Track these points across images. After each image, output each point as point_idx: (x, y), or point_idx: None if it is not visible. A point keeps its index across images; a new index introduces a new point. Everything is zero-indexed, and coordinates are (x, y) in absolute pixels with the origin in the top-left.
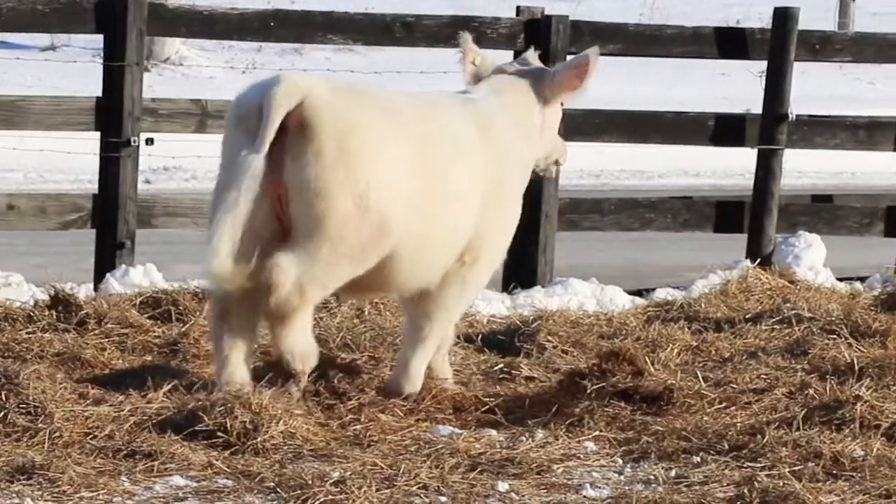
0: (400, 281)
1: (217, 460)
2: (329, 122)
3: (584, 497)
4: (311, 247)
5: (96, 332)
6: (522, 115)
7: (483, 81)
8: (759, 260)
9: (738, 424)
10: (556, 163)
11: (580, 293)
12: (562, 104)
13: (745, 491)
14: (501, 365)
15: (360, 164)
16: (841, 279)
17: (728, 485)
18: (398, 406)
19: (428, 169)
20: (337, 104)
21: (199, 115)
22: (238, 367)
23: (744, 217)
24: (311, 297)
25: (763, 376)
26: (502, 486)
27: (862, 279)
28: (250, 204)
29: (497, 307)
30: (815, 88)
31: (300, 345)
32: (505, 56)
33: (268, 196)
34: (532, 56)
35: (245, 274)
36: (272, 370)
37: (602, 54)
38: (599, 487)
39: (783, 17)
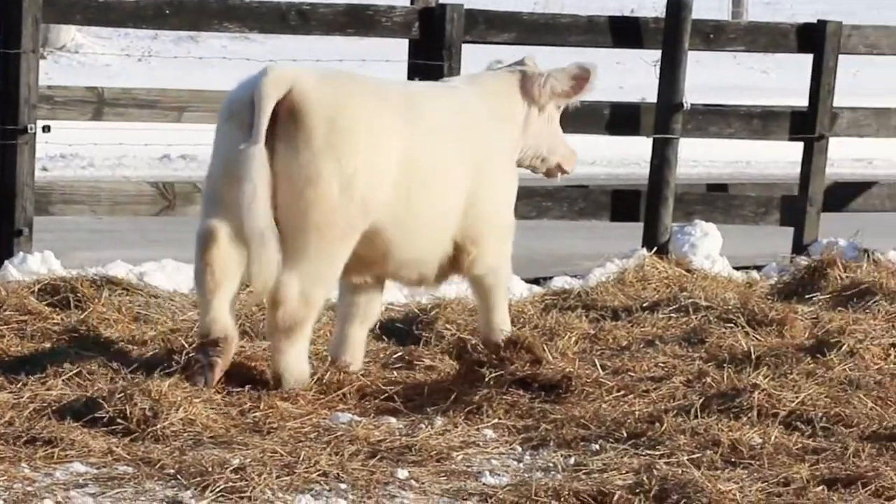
0: (393, 260)
1: (117, 447)
2: (317, 108)
3: (484, 484)
4: (303, 245)
5: None
6: (500, 107)
7: (467, 74)
8: (655, 249)
9: (637, 412)
10: (560, 169)
11: None
12: (557, 108)
13: (644, 478)
14: (400, 353)
15: (349, 148)
16: (737, 268)
17: (627, 472)
18: (299, 394)
19: (413, 153)
20: (324, 91)
21: (95, 103)
22: (222, 315)
23: (640, 206)
24: (316, 302)
25: (661, 365)
26: (402, 473)
27: (758, 268)
28: (267, 190)
29: (395, 295)
30: (710, 78)
31: (298, 365)
32: (400, 44)
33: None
34: (529, 59)
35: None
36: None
37: (496, 43)
38: (498, 475)
39: (677, 6)
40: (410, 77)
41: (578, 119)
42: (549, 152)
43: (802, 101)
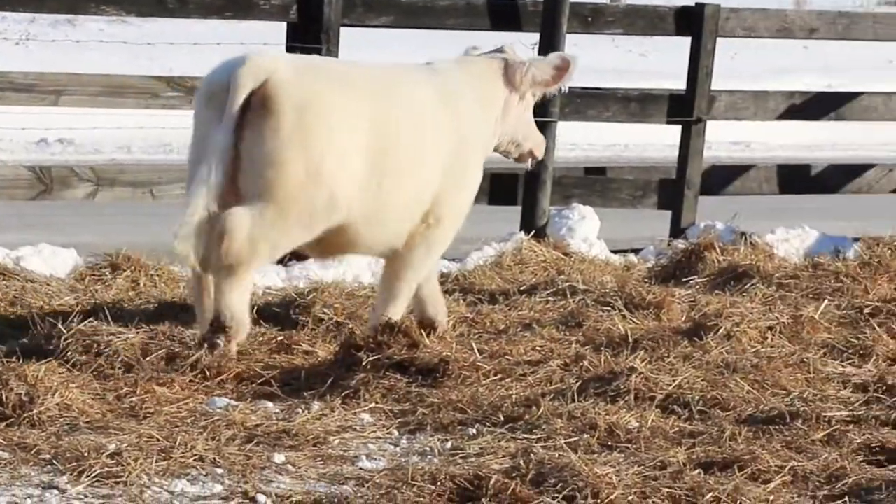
0: (363, 243)
1: None
2: (289, 99)
3: (361, 469)
4: (262, 207)
5: None
6: (483, 92)
7: (451, 58)
8: (533, 232)
9: (514, 396)
10: (532, 154)
11: (355, 265)
12: (534, 96)
13: (521, 462)
14: (279, 337)
15: (316, 137)
16: (615, 251)
17: (504, 456)
18: (175, 379)
19: (386, 139)
20: (298, 81)
21: None
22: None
23: (518, 189)
24: (260, 252)
25: (538, 348)
26: (278, 457)
27: (636, 251)
28: (221, 176)
29: (272, 279)
30: (588, 61)
31: (238, 305)
32: (278, 27)
33: (232, 170)
34: (509, 47)
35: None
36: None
37: (374, 26)
38: (375, 459)
39: None
40: None
41: None
42: (524, 138)
43: (680, 85)
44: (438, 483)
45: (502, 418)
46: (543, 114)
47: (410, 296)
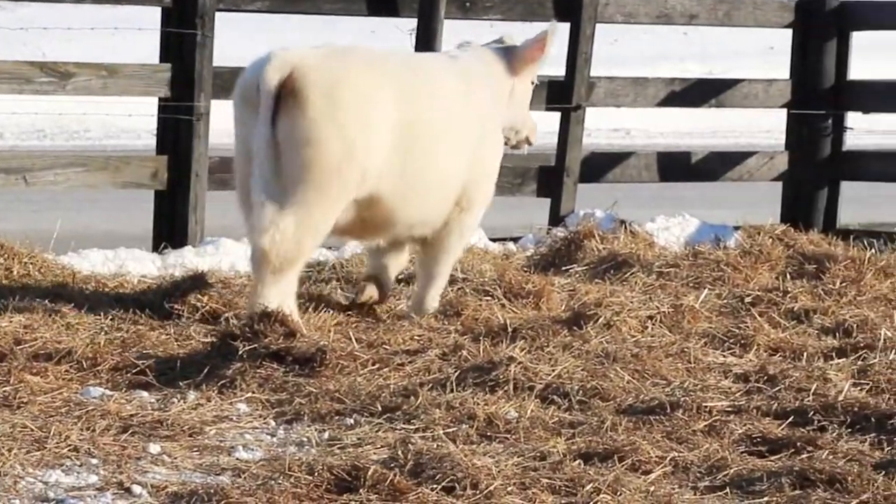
0: (398, 221)
1: None
2: (316, 83)
3: (237, 459)
4: (301, 195)
5: None
6: (495, 81)
7: (463, 47)
8: None
9: (392, 386)
10: (527, 141)
11: (232, 253)
12: (533, 83)
13: (400, 453)
14: (155, 326)
15: (347, 116)
16: (494, 240)
17: (382, 447)
18: (49, 368)
19: (415, 119)
20: (323, 66)
21: None
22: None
23: None
24: (306, 248)
25: (416, 337)
26: (154, 448)
27: (515, 239)
28: (271, 168)
29: (147, 267)
30: None
31: (291, 292)
32: (153, 12)
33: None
34: (507, 36)
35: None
36: None
37: (250, 11)
38: (252, 449)
39: None
40: (164, 47)
41: None
42: (522, 125)
43: (560, 71)
44: (316, 474)
45: (380, 408)
46: None
47: (447, 279)
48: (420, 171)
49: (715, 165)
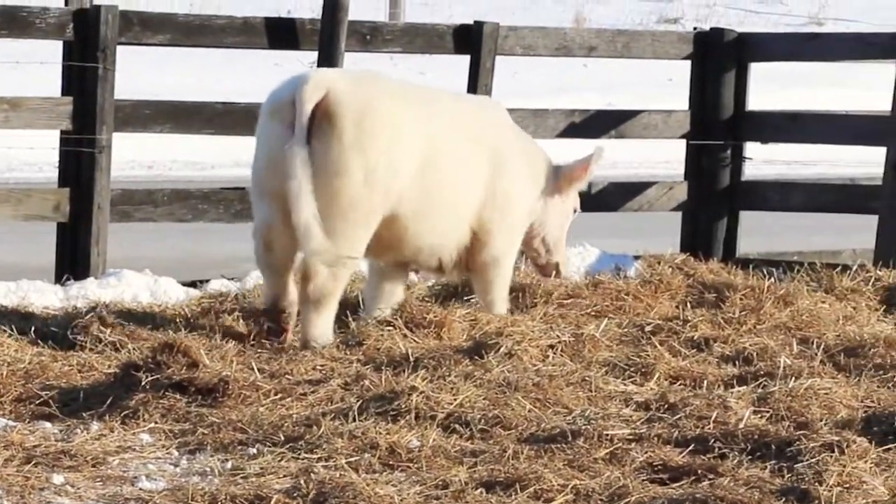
0: (410, 243)
1: None
2: (349, 110)
3: (140, 489)
4: (331, 227)
5: None
6: (533, 163)
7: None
8: None
9: (294, 416)
10: (556, 269)
11: (134, 285)
12: (575, 211)
13: (302, 482)
14: (58, 358)
15: (373, 144)
16: None
17: (285, 476)
18: None
19: (432, 148)
20: (356, 94)
21: None
22: (288, 290)
23: None
24: (342, 278)
25: (319, 367)
26: (57, 478)
27: (416, 270)
28: (310, 186)
29: (50, 299)
30: None
31: (325, 332)
32: (55, 45)
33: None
34: (598, 150)
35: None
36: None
37: (151, 44)
38: (155, 479)
39: (333, 7)
40: (66, 80)
41: (234, 121)
42: (554, 245)
43: None
44: (219, 503)
45: (283, 438)
46: None
47: (505, 307)
48: (433, 197)
49: (615, 195)
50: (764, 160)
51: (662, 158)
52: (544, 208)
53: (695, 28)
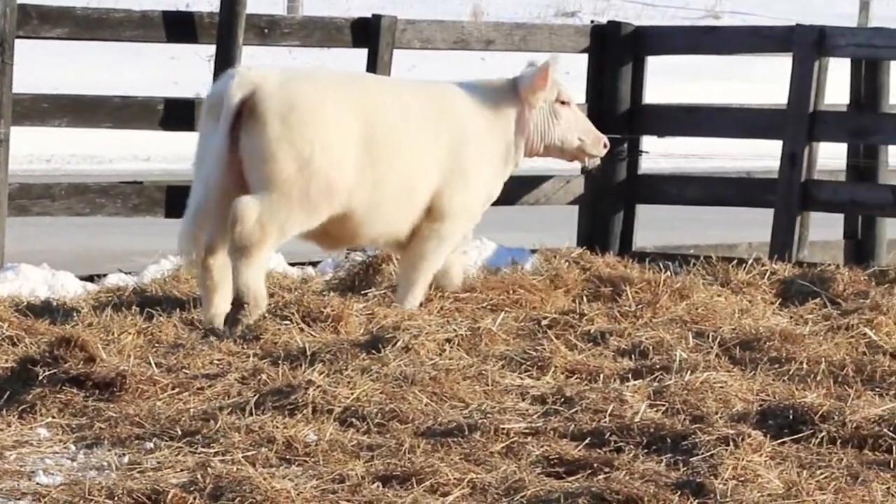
0: (365, 232)
1: None
2: (273, 105)
3: (38, 484)
4: (267, 195)
5: None
6: (493, 107)
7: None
8: None
9: (191, 410)
10: (584, 151)
11: (32, 279)
12: (562, 102)
13: (199, 476)
14: None
15: (302, 136)
16: (293, 264)
17: (182, 471)
18: None
19: (374, 138)
20: (282, 89)
21: None
22: (220, 307)
23: None
24: (269, 233)
25: (215, 362)
26: None
27: (313, 264)
28: (220, 176)
29: None
30: None
31: (255, 282)
32: None
33: (233, 169)
34: (553, 59)
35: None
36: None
37: (50, 38)
38: (53, 474)
39: (231, 1)
40: None
41: (131, 115)
42: (563, 141)
43: None
44: (116, 498)
45: (180, 432)
46: None
47: (427, 284)
48: (380, 186)
49: (512, 189)
50: (661, 154)
51: None
52: (522, 126)
53: (592, 21)
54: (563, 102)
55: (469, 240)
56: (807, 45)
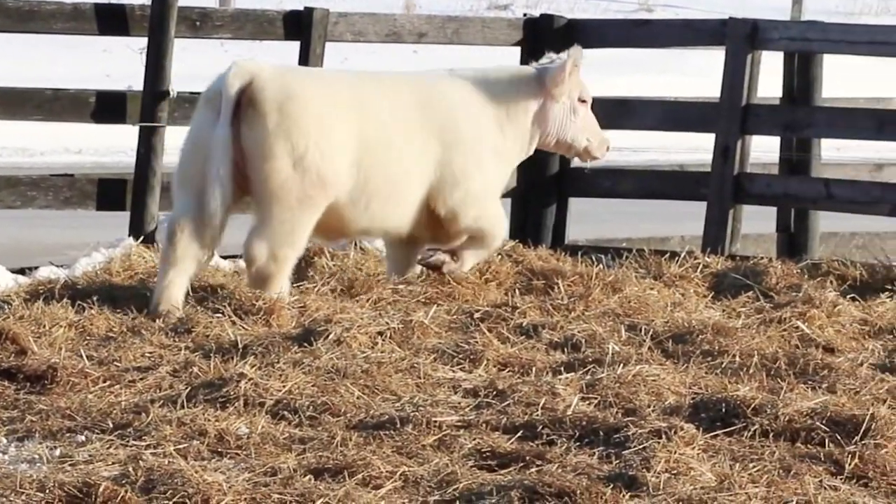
0: (359, 224)
1: None
2: (270, 96)
3: None
4: (268, 212)
5: None
6: (504, 100)
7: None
8: (142, 238)
9: (123, 403)
10: (587, 152)
11: None
12: (582, 101)
13: (131, 469)
14: None
15: (297, 130)
16: (225, 257)
17: (113, 463)
18: None
19: (366, 132)
20: (278, 81)
21: None
22: (176, 292)
23: (126, 195)
24: (284, 259)
25: (147, 355)
26: None
27: None
28: (228, 171)
29: None
30: (197, 66)
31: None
32: None
33: (232, 160)
34: (576, 50)
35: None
36: None
37: None
38: None
39: None
40: None
41: (63, 107)
42: (573, 139)
43: None
44: (47, 491)
45: (111, 425)
46: (151, 118)
47: (478, 259)
48: (372, 179)
49: None
50: None
51: None
52: (543, 118)
53: (525, 14)
54: (582, 101)
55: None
56: (740, 38)
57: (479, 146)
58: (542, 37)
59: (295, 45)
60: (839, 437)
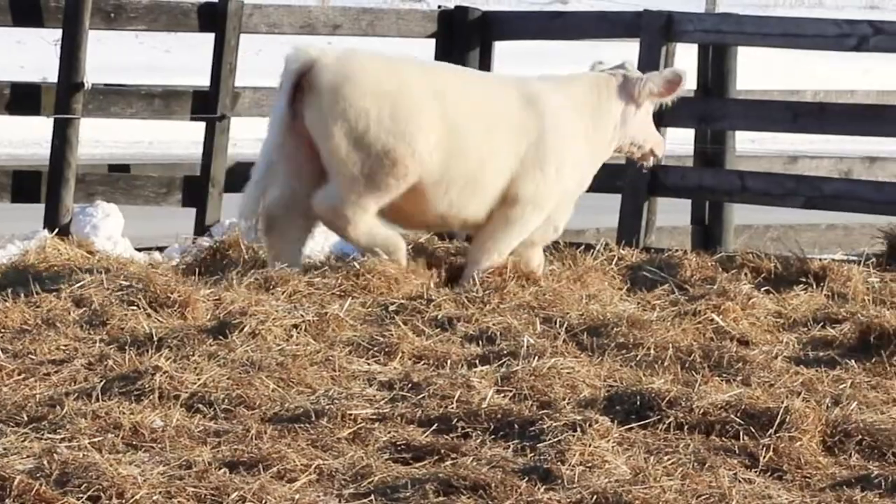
0: (437, 209)
1: None
2: (327, 79)
3: None
4: (336, 178)
5: None
6: (586, 103)
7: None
8: (57, 230)
9: (38, 396)
10: (653, 154)
11: None
12: (653, 104)
13: (45, 463)
14: None
15: (354, 111)
16: (140, 249)
17: (28, 457)
18: None
19: (447, 118)
20: (337, 65)
21: None
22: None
23: (41, 187)
24: (353, 216)
25: (62, 347)
26: None
27: (160, 249)
28: (280, 147)
29: None
30: (111, 57)
31: (374, 239)
32: None
33: (303, 140)
34: (629, 63)
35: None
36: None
37: None
38: None
39: None
40: None
41: None
42: (644, 141)
43: (205, 81)
44: None
45: (26, 418)
46: (66, 110)
47: (490, 264)
48: (452, 164)
49: None
50: None
51: None
52: (624, 124)
53: (439, 7)
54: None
55: (559, 233)
56: (654, 30)
57: (566, 149)
58: (456, 29)
59: (210, 37)
60: (754, 430)
